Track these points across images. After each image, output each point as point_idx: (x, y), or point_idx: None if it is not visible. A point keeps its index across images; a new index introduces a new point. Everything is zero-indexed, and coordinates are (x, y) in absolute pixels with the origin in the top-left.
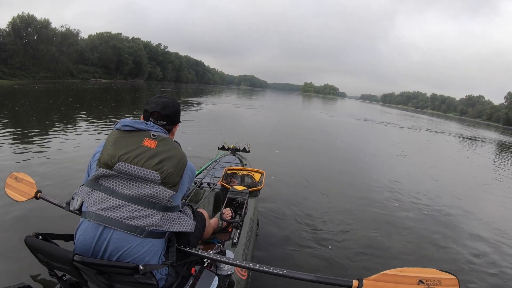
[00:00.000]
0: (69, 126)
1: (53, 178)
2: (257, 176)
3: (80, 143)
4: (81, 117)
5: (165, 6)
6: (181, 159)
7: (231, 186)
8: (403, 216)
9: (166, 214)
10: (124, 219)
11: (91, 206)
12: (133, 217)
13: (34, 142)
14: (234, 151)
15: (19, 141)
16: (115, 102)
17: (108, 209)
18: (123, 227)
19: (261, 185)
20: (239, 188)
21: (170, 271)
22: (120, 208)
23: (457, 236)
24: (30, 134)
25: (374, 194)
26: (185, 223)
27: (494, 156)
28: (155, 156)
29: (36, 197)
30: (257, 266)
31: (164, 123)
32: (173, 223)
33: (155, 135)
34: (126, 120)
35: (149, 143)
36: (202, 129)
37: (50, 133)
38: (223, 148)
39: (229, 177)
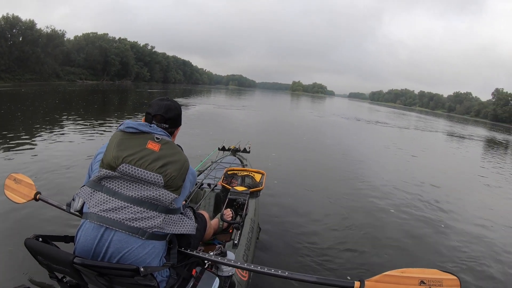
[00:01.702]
0: (56, 128)
1: (47, 180)
2: (257, 177)
3: (69, 145)
4: (68, 119)
5: (153, 6)
6: (184, 163)
7: (232, 186)
8: (404, 218)
9: (168, 216)
10: (126, 220)
11: (93, 207)
12: (135, 219)
13: (22, 145)
14: (234, 151)
15: (6, 144)
16: (102, 104)
17: (110, 210)
18: (125, 229)
19: (261, 186)
20: (240, 188)
21: (171, 272)
22: (122, 209)
23: (457, 236)
24: (18, 137)
25: (374, 195)
26: (186, 225)
27: (495, 156)
28: (158, 159)
29: (35, 199)
30: (258, 267)
31: (167, 126)
32: (175, 225)
33: (158, 138)
34: (131, 122)
35: (153, 146)
36: (187, 132)
37: (38, 135)
38: (223, 148)
39: (229, 177)
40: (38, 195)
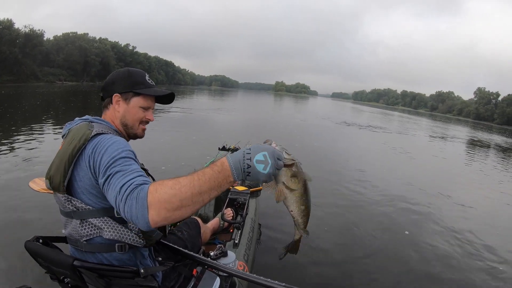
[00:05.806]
0: (37, 130)
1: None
2: None
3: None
4: (51, 121)
5: (135, 7)
6: (71, 151)
7: (232, 186)
8: (406, 232)
9: (85, 221)
10: (69, 235)
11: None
12: (70, 232)
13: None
14: (234, 151)
15: None
16: (83, 106)
17: (64, 227)
18: (72, 243)
19: (262, 185)
20: (240, 188)
21: (172, 272)
22: (65, 225)
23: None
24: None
25: (375, 196)
26: (110, 231)
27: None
28: (54, 162)
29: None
30: (255, 277)
31: (102, 96)
32: (93, 230)
33: (66, 133)
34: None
35: (61, 146)
36: (169, 137)
37: (20, 138)
38: (223, 148)
39: None
40: None
